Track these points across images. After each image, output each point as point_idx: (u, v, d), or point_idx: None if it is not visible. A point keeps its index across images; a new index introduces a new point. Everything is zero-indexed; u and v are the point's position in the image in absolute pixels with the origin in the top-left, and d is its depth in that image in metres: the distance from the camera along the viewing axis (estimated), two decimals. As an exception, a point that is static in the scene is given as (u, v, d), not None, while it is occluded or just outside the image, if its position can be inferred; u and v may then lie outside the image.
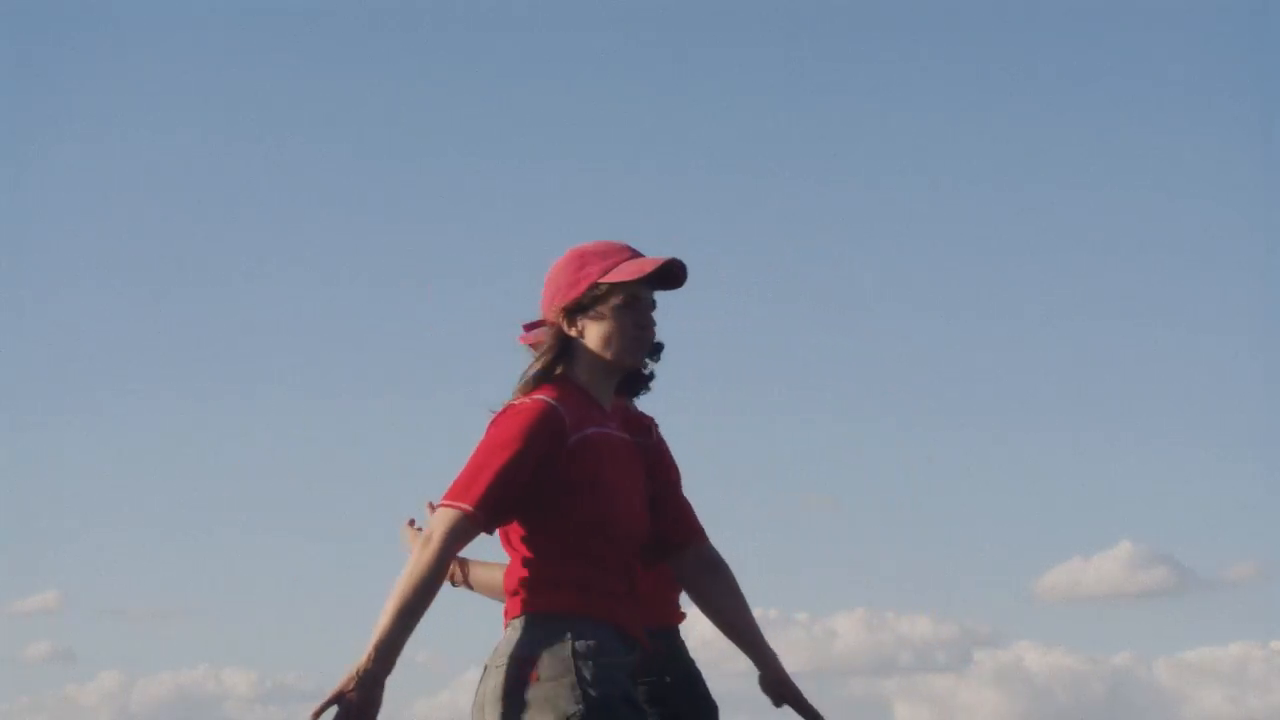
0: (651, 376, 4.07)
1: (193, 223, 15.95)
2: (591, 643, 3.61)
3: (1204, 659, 14.60)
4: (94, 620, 16.22)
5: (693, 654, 4.41)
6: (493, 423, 3.67)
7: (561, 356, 3.78)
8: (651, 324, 3.77)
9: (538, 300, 3.92)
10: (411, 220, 15.58)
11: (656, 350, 4.06)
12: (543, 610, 3.64)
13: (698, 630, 4.28)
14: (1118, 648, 15.36)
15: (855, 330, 15.34)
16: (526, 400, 3.68)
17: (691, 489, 4.06)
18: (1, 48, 14.83)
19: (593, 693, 3.57)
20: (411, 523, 4.40)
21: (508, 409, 3.70)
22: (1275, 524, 14.48)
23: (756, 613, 3.89)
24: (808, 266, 15.50)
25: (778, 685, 3.88)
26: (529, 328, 3.89)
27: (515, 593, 3.69)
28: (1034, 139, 15.59)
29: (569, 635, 3.61)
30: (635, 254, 3.78)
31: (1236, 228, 15.34)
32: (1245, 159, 14.99)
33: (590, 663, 3.59)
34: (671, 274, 3.77)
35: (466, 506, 3.58)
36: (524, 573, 3.69)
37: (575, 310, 3.76)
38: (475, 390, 4.26)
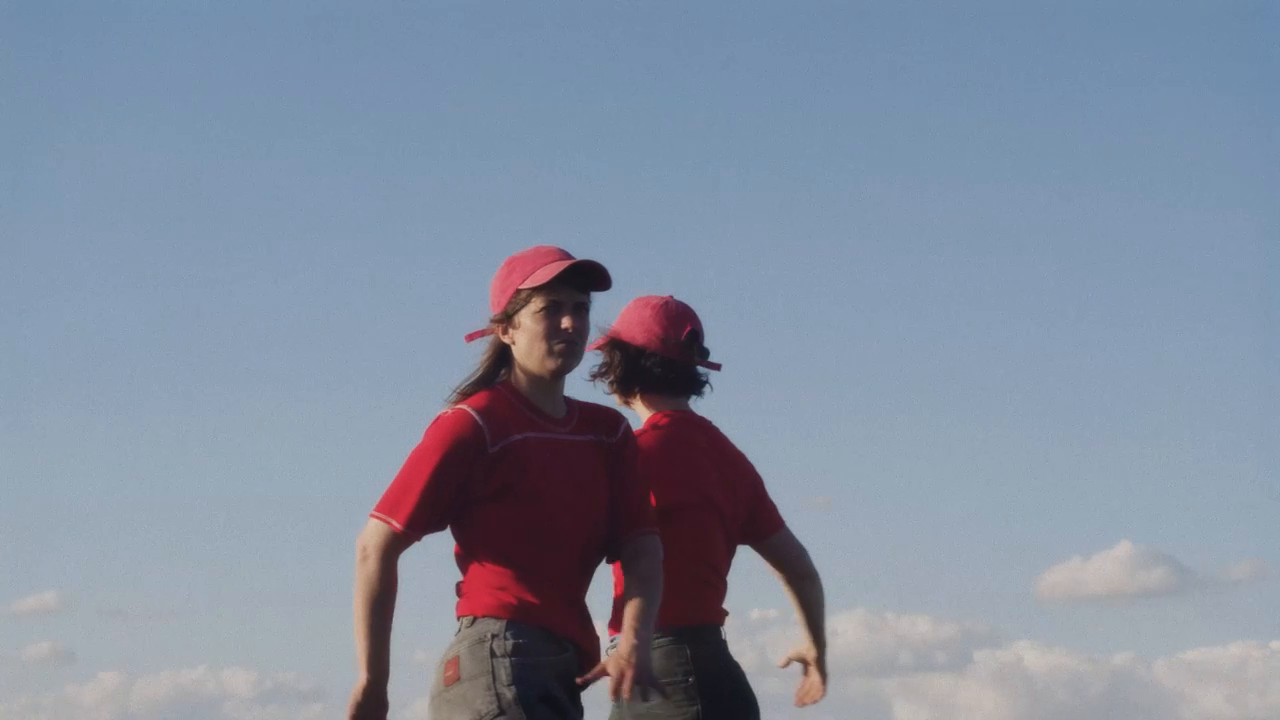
0: (705, 381, 4.33)
1: (192, 223, 15.95)
2: (511, 642, 3.66)
3: (1204, 659, 14.60)
4: (93, 620, 16.20)
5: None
6: (425, 435, 3.76)
7: (500, 365, 3.86)
8: (572, 327, 3.76)
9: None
10: (412, 221, 15.58)
11: (704, 354, 4.33)
12: (474, 614, 3.73)
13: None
14: (1117, 648, 15.37)
15: (854, 329, 15.33)
16: (448, 411, 3.76)
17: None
18: (1, 48, 14.82)
19: (507, 692, 3.61)
20: None
21: (434, 420, 3.78)
22: (1275, 524, 14.47)
23: (758, 613, 4.01)
24: (805, 265, 15.50)
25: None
26: (470, 338, 3.93)
27: (457, 596, 3.80)
28: (1031, 138, 15.60)
29: (490, 636, 3.68)
30: (564, 257, 3.79)
31: (1236, 228, 15.34)
32: (1245, 159, 14.99)
33: (507, 661, 3.64)
34: (595, 274, 3.78)
35: (395, 523, 3.69)
36: (461, 577, 3.80)
37: (504, 318, 3.82)
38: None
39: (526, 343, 3.78)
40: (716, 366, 4.33)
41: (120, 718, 14.72)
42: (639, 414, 4.29)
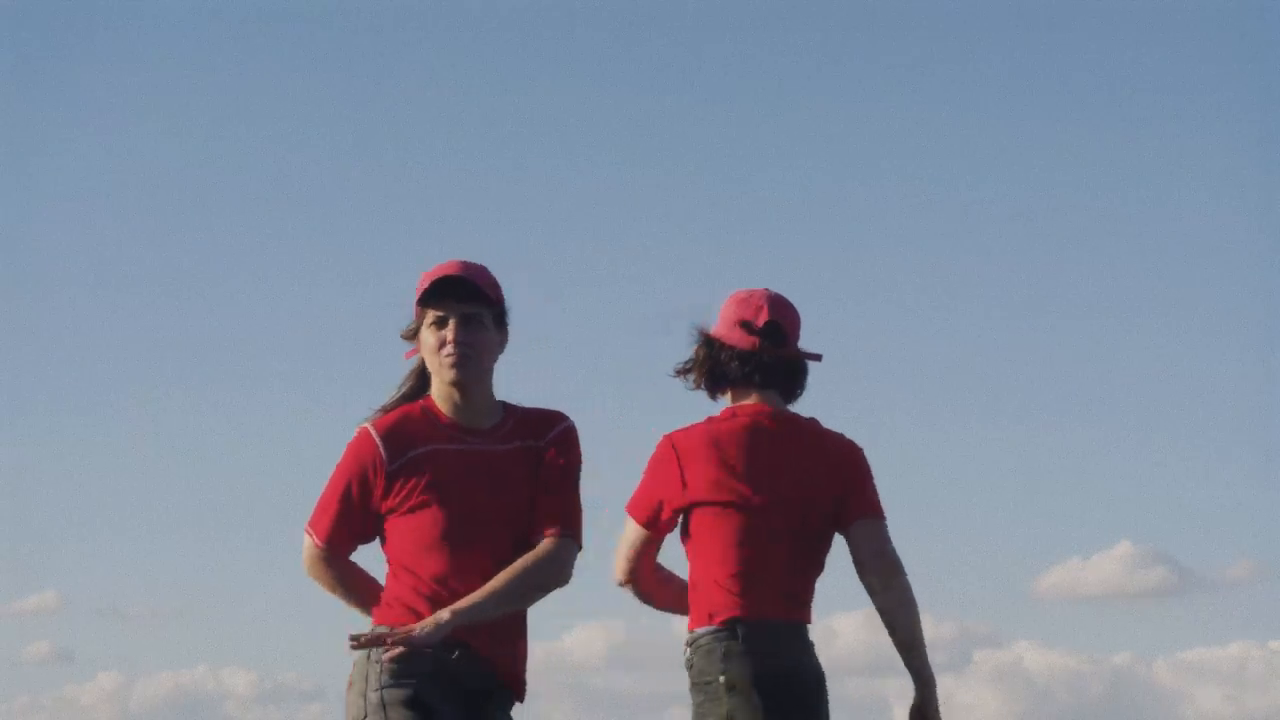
0: (792, 373, 4.19)
1: (191, 224, 15.95)
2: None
3: (1203, 659, 14.60)
4: (93, 620, 16.19)
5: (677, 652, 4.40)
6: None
7: (423, 381, 3.98)
8: (455, 340, 3.83)
9: (534, 302, 4.03)
10: (412, 222, 15.57)
11: (803, 359, 4.22)
12: (376, 622, 3.89)
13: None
14: (1117, 647, 15.36)
15: (853, 329, 15.32)
16: (356, 431, 3.96)
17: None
18: (1, 48, 14.82)
19: (374, 696, 3.74)
20: None
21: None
22: (1275, 524, 14.47)
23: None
24: (804, 265, 15.49)
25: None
26: (410, 355, 4.03)
27: None
28: (1030, 138, 15.60)
29: None
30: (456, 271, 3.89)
31: (1236, 228, 15.34)
32: (1245, 159, 14.99)
33: (379, 666, 3.75)
34: (458, 284, 3.84)
35: (316, 539, 3.95)
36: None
37: (412, 335, 3.97)
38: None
39: (426, 358, 3.92)
40: (815, 357, 4.20)
41: (120, 718, 14.72)
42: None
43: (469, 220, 15.13)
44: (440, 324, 3.85)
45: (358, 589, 3.96)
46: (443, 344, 3.84)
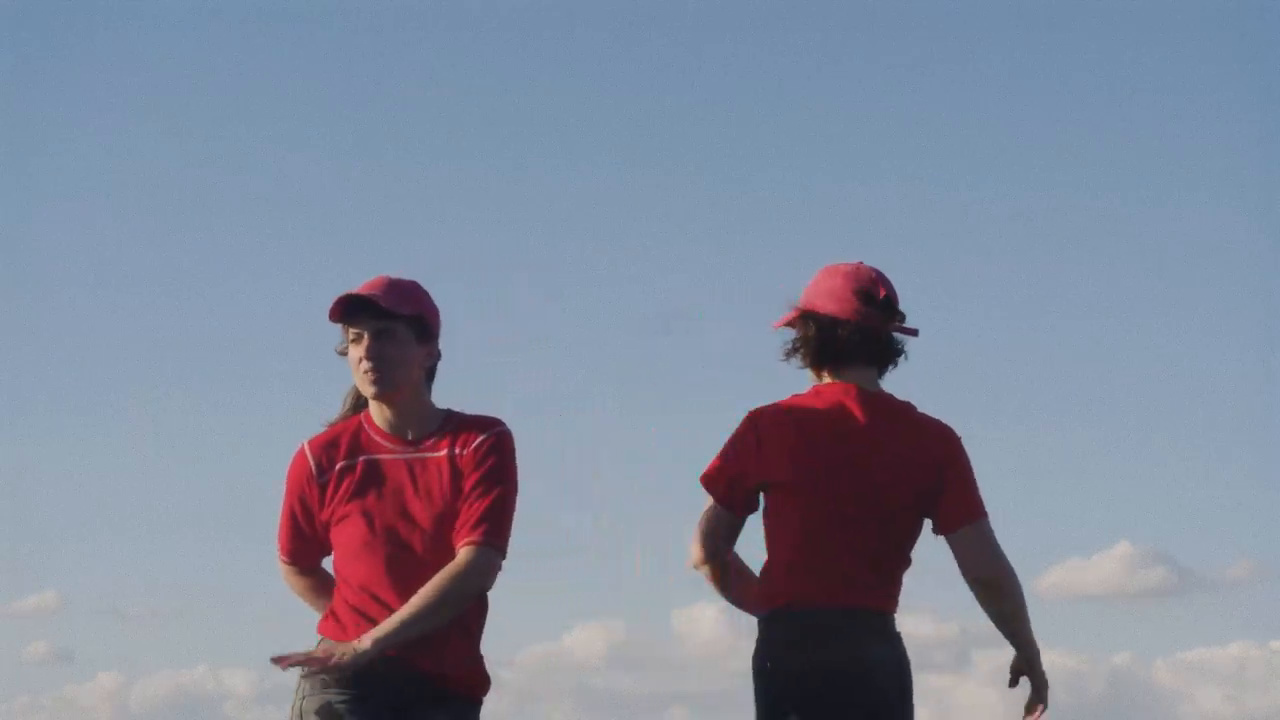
0: (902, 349, 4.06)
1: (191, 224, 15.95)
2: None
3: (1203, 659, 14.60)
4: (93, 620, 16.19)
5: (696, 650, 4.38)
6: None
7: (361, 397, 4.09)
8: (369, 353, 3.95)
9: (534, 302, 4.02)
10: (412, 222, 15.58)
11: (901, 333, 4.06)
12: (319, 632, 4.01)
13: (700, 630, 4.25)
14: (1117, 647, 15.36)
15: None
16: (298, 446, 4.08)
17: (692, 490, 4.07)
18: (1, 48, 14.82)
19: (298, 704, 3.90)
20: None
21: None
22: (1275, 524, 14.47)
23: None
24: (803, 264, 15.48)
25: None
26: None
27: None
28: (1030, 138, 15.60)
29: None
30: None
31: (1236, 228, 15.34)
32: (1245, 159, 14.99)
33: (303, 680, 3.92)
34: (353, 304, 4.00)
35: (282, 557, 4.18)
36: None
37: (343, 354, 4.09)
38: (472, 391, 4.26)
39: (352, 373, 4.04)
40: (914, 332, 4.06)
41: (120, 718, 14.72)
42: None
43: (469, 220, 15.14)
44: (356, 340, 4.00)
45: (326, 596, 4.09)
46: (356, 361, 3.99)
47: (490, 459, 3.93)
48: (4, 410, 15.22)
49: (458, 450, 3.94)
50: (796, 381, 4.09)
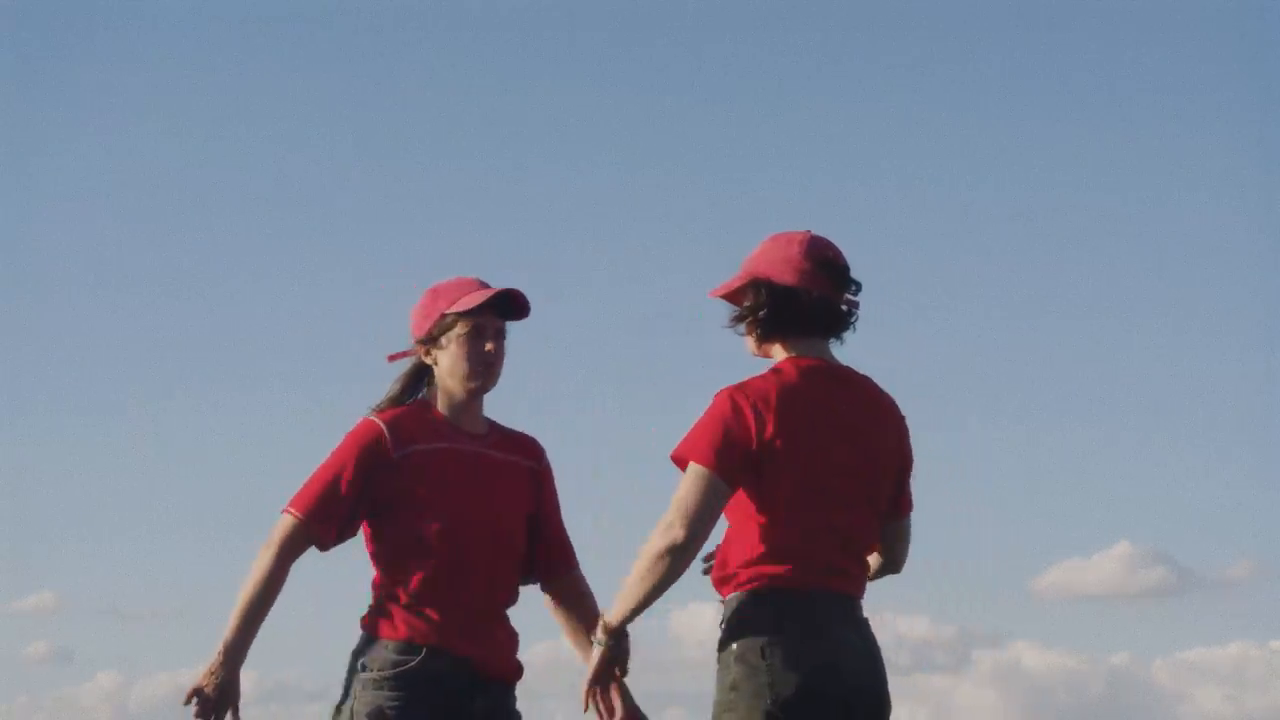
0: (853, 313, 3.85)
1: (191, 224, 15.96)
2: (369, 658, 3.95)
3: (1203, 659, 14.60)
4: (92, 620, 16.18)
5: (693, 650, 4.32)
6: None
7: (417, 385, 4.12)
8: (494, 350, 4.03)
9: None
10: (412, 222, 15.58)
11: (858, 288, 3.86)
12: (364, 630, 4.03)
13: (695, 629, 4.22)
14: (1116, 647, 15.36)
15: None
16: (358, 422, 4.04)
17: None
18: (1, 48, 14.82)
19: (351, 705, 3.94)
20: None
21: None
22: (1274, 524, 14.47)
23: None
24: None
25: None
26: (392, 359, 4.18)
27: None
28: (1030, 138, 15.61)
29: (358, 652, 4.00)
30: (484, 286, 4.06)
31: (1236, 228, 15.34)
32: (1245, 159, 15.00)
33: (361, 678, 3.94)
34: (515, 302, 4.05)
35: (298, 513, 3.98)
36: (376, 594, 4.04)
37: (428, 341, 4.07)
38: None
39: (449, 364, 4.04)
40: (856, 303, 3.85)
41: (119, 718, 14.72)
42: (775, 361, 3.82)
43: (469, 220, 15.15)
44: (476, 334, 4.01)
45: (276, 594, 4.03)
46: (478, 353, 4.01)
47: (553, 479, 4.19)
48: (4, 410, 15.23)
49: (531, 464, 4.12)
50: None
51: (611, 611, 3.69)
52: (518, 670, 4.03)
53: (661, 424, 4.19)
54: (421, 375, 4.13)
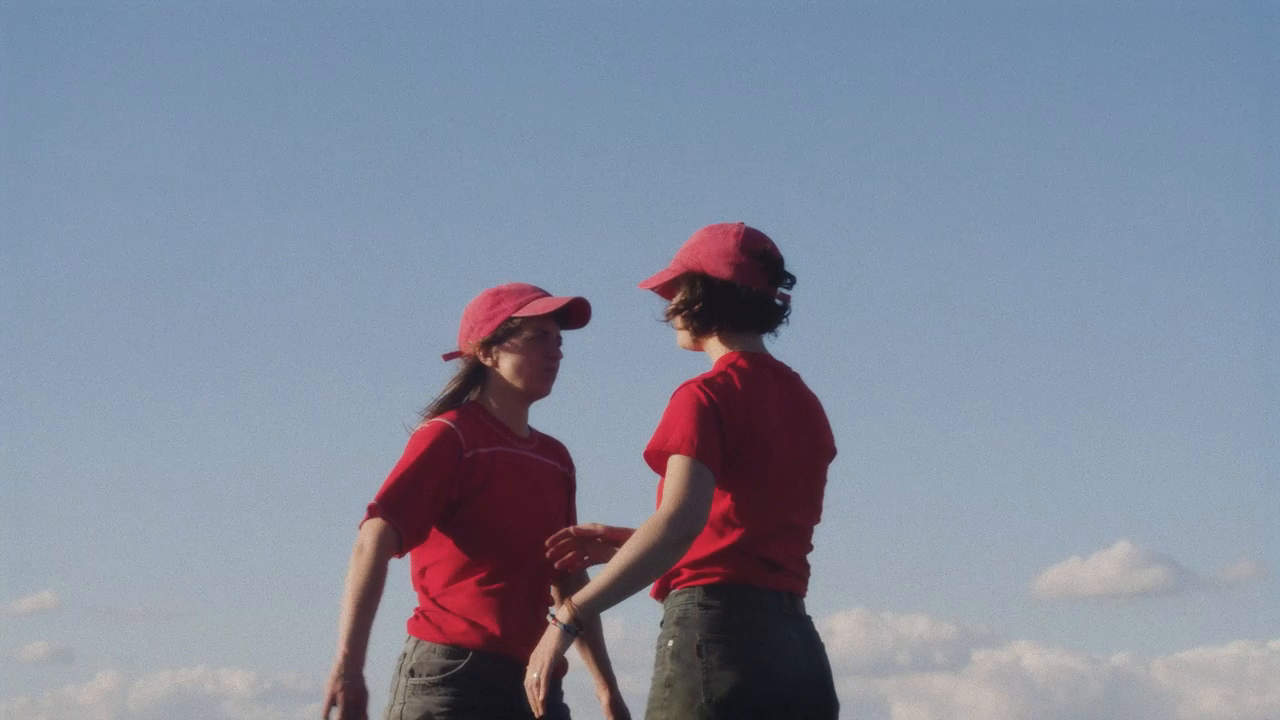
0: (787, 308, 3.80)
1: (190, 222, 15.95)
2: (417, 663, 3.96)
3: (1202, 659, 14.60)
4: (91, 620, 16.19)
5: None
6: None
7: (473, 385, 4.13)
8: (558, 356, 4.10)
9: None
10: (412, 222, 15.57)
11: (792, 282, 3.82)
12: (416, 636, 4.01)
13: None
14: (1116, 647, 15.37)
15: (852, 328, 15.33)
16: (425, 424, 4.04)
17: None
18: (1, 48, 14.81)
19: (400, 709, 3.94)
20: None
21: (413, 434, 4.05)
22: (1274, 524, 14.47)
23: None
24: (804, 264, 15.48)
25: (615, 709, 4.19)
26: (447, 358, 4.19)
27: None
28: (1027, 137, 15.60)
29: (407, 656, 4.01)
30: (544, 293, 4.12)
31: (1236, 228, 15.34)
32: (1245, 158, 14.99)
33: (409, 682, 3.95)
34: (578, 312, 4.13)
35: (387, 516, 3.91)
36: (420, 595, 4.04)
37: (491, 342, 4.09)
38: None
39: (514, 366, 4.09)
40: (788, 297, 3.80)
41: (119, 717, 14.72)
42: (710, 355, 3.77)
43: (470, 220, 15.14)
44: (544, 339, 4.09)
45: (380, 597, 3.95)
46: (546, 357, 4.08)
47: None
48: (4, 411, 15.22)
49: (565, 471, 4.20)
50: (806, 377, 3.89)
51: (590, 599, 3.50)
52: (564, 666, 4.02)
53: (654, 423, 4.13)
54: (475, 377, 4.15)
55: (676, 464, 3.55)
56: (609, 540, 3.90)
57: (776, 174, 15.41)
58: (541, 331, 4.08)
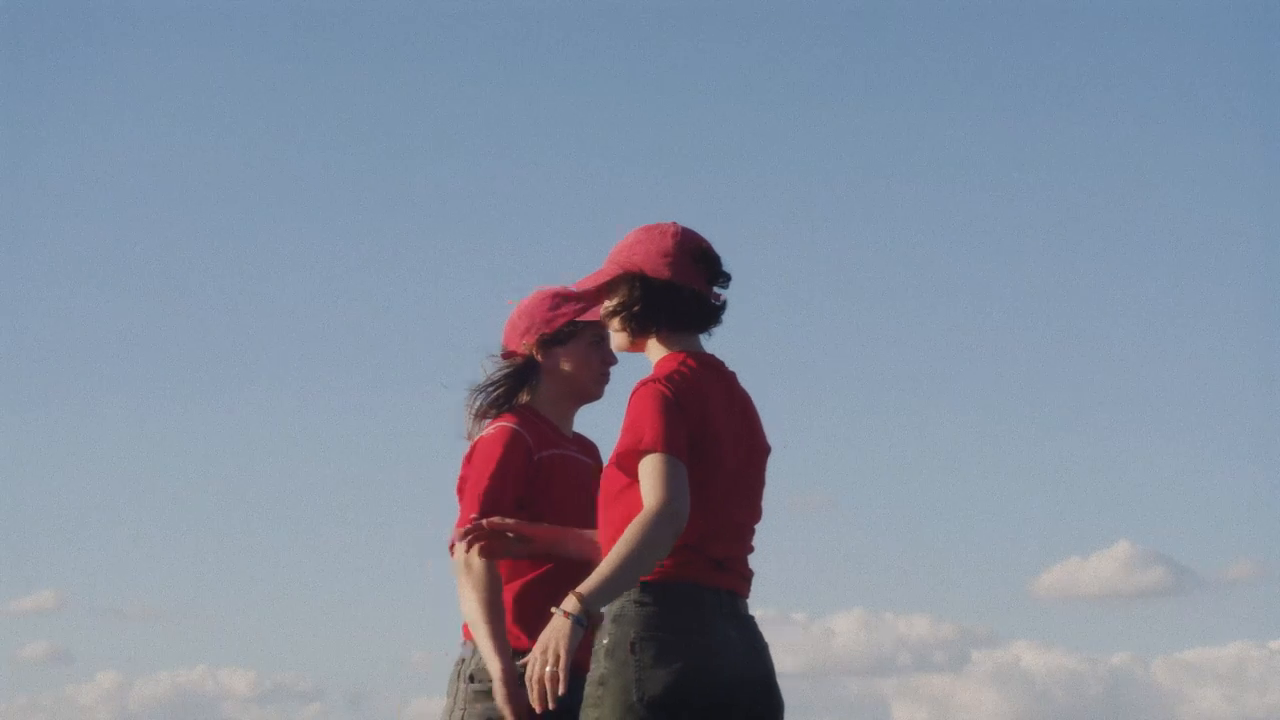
0: (724, 307, 3.78)
1: (190, 223, 15.95)
2: (476, 668, 3.95)
3: (1202, 659, 14.60)
4: (92, 620, 16.20)
5: None
6: (474, 452, 3.98)
7: (524, 383, 4.13)
8: (613, 361, 4.13)
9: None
10: (413, 222, 15.58)
11: (728, 280, 3.82)
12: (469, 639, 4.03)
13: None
14: (1115, 647, 15.38)
15: (852, 327, 15.34)
16: (493, 429, 4.02)
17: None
18: (1, 47, 14.82)
19: (460, 715, 3.95)
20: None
21: (480, 440, 4.03)
22: (1274, 524, 14.48)
23: (756, 612, 3.86)
24: (801, 262, 15.51)
25: None
26: (506, 356, 4.18)
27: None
28: (1027, 137, 15.60)
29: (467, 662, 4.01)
30: None
31: (1236, 228, 15.35)
32: (1246, 159, 15.00)
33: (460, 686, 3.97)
34: None
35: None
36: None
37: (552, 342, 4.11)
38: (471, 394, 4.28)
39: (576, 365, 4.13)
40: (722, 296, 3.76)
41: (119, 717, 14.72)
42: (650, 356, 3.75)
43: (470, 220, 15.15)
44: (601, 343, 4.14)
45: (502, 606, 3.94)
46: (605, 360, 4.15)
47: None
48: (4, 410, 15.23)
49: (595, 464, 4.18)
50: (799, 390, 3.93)
51: (597, 592, 3.42)
52: (581, 661, 4.04)
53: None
54: (527, 375, 4.15)
55: (655, 461, 3.51)
56: (519, 536, 3.90)
57: (776, 174, 15.42)
58: (600, 336, 4.13)
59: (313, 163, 15.63)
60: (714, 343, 3.87)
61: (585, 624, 3.40)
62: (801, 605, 15.38)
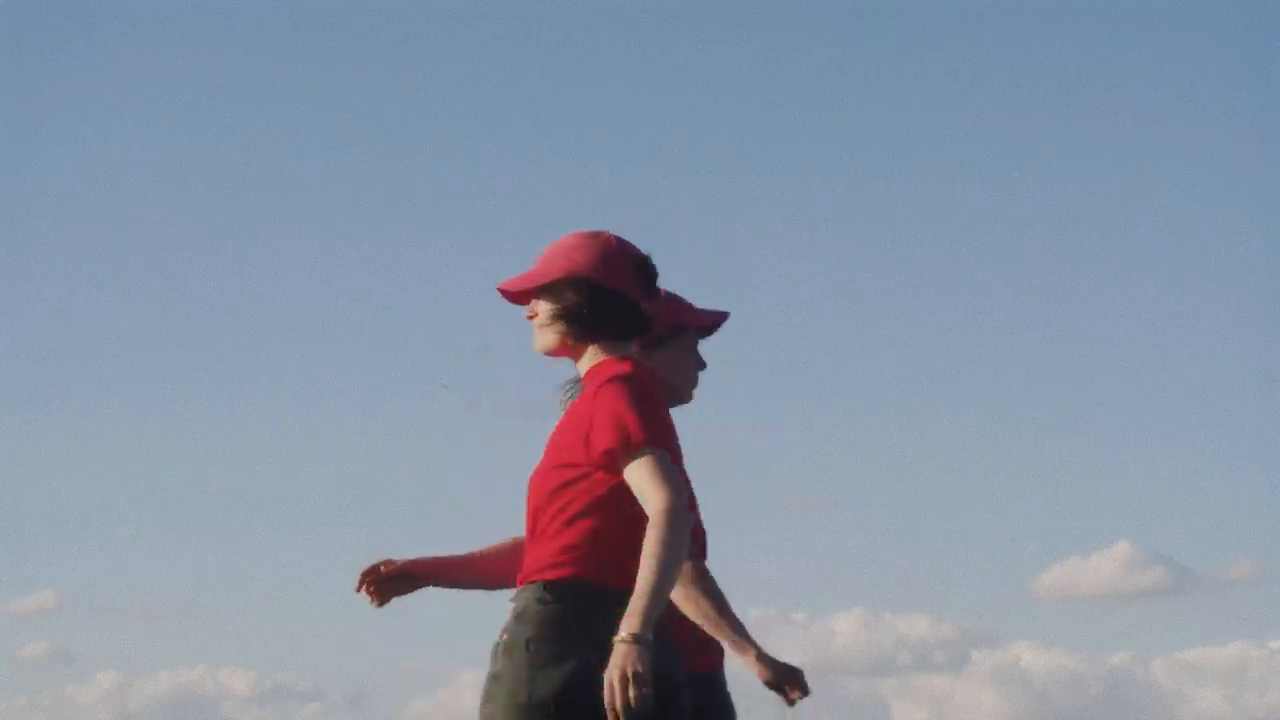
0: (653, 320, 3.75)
1: (190, 223, 15.97)
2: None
3: (1202, 659, 14.62)
4: (92, 620, 16.22)
5: None
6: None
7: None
8: (705, 365, 4.20)
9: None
10: (413, 223, 15.59)
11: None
12: None
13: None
14: (1115, 647, 15.39)
15: (852, 327, 15.35)
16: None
17: (695, 486, 4.08)
18: (1, 47, 14.82)
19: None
20: None
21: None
22: (1274, 524, 14.50)
23: (756, 612, 3.86)
24: (801, 262, 15.52)
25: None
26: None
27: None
28: (1027, 137, 15.61)
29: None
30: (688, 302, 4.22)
31: (1236, 228, 15.36)
32: (1246, 159, 15.01)
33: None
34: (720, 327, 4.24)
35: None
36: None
37: (657, 341, 4.12)
38: (472, 393, 4.27)
39: (677, 369, 4.18)
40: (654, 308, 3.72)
41: (119, 717, 14.74)
42: (584, 362, 3.66)
43: (470, 220, 15.16)
44: (696, 348, 4.21)
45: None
46: (698, 366, 4.21)
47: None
48: (4, 410, 15.24)
49: None
50: (800, 390, 3.95)
51: (648, 609, 3.32)
52: (720, 653, 3.99)
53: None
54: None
55: (653, 459, 3.45)
56: (408, 574, 3.79)
57: (776, 174, 15.42)
58: (697, 340, 4.21)
59: (313, 163, 15.64)
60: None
61: (650, 643, 3.31)
62: (802, 605, 15.39)
